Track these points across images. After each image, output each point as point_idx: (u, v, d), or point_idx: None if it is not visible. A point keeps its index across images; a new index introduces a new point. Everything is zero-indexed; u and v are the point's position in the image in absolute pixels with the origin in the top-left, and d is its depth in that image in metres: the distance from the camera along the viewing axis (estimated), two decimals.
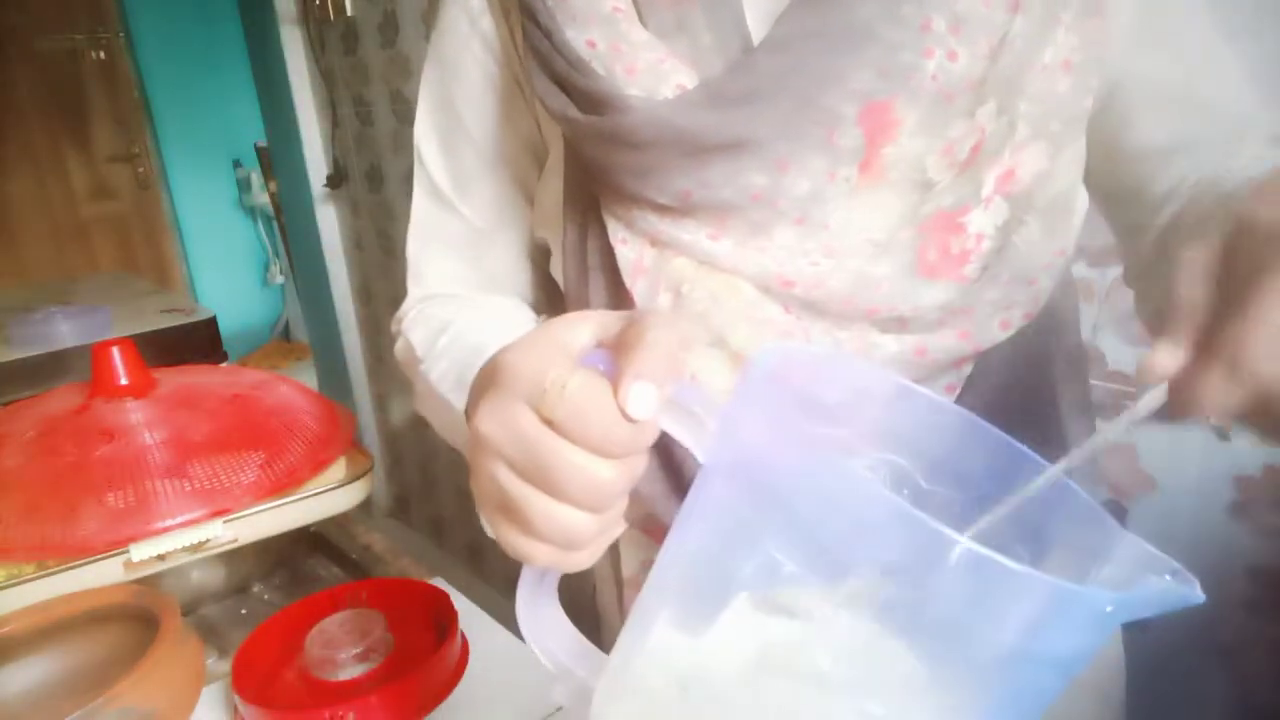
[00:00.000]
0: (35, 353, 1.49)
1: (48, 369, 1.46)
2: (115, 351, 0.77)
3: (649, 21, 0.46)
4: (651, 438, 0.30)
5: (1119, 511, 1.07)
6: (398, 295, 0.65)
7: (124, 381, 0.77)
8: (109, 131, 3.57)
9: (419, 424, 2.39)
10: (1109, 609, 0.24)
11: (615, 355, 0.30)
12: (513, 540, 0.32)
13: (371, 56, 2.02)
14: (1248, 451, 0.95)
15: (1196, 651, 1.05)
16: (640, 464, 0.31)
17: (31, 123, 3.37)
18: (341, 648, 0.61)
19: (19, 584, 0.65)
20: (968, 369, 0.50)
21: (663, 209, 0.47)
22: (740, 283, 0.48)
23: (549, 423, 0.30)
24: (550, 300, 0.66)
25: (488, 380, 0.32)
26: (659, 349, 0.29)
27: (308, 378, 2.95)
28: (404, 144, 2.01)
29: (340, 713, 0.55)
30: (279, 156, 2.65)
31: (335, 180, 2.34)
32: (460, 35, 0.57)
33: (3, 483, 0.69)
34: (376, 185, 2.19)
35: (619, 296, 0.51)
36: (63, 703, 0.58)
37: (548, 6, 0.47)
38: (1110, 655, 0.62)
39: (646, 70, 0.45)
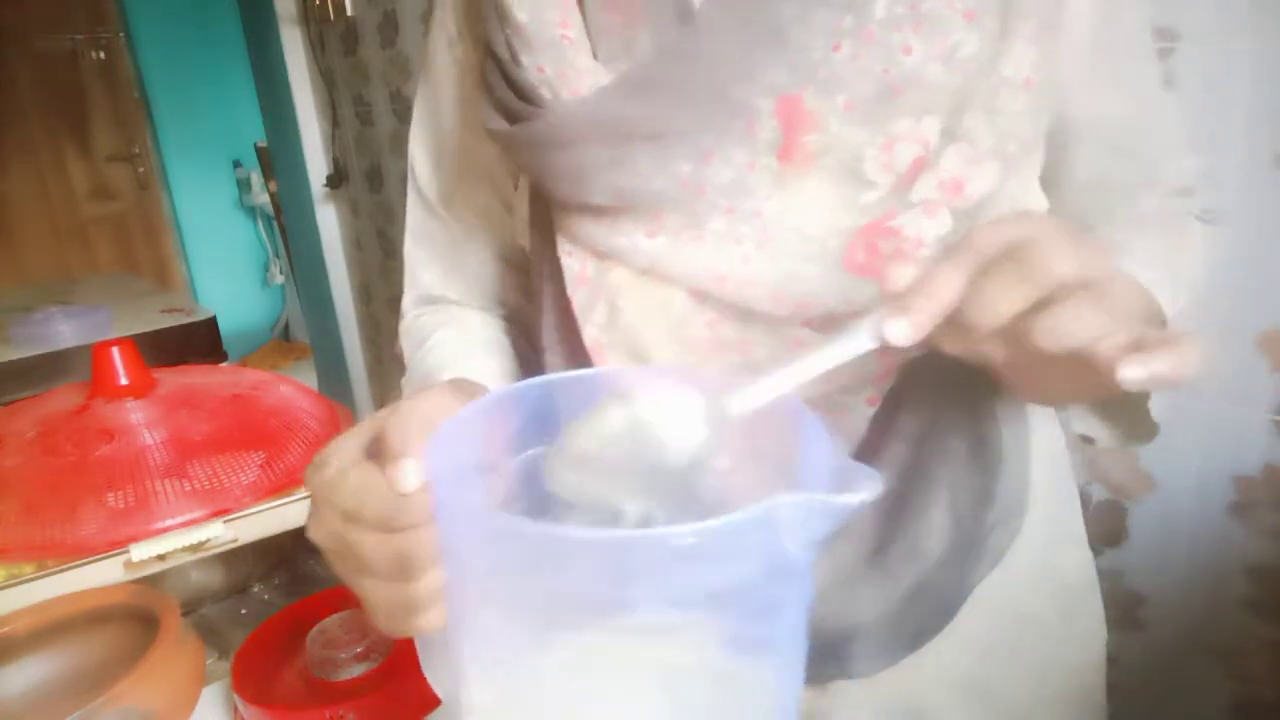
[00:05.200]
0: (35, 353, 1.49)
1: (48, 369, 1.46)
2: (115, 351, 0.77)
3: (599, 47, 0.47)
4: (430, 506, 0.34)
5: (1119, 511, 1.07)
6: (397, 295, 0.66)
7: (124, 381, 0.77)
8: (109, 131, 3.57)
9: None
10: (690, 540, 0.27)
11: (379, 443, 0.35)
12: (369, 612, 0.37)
13: (371, 56, 2.02)
14: (1248, 451, 0.95)
15: (1196, 651, 1.05)
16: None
17: (31, 123, 3.38)
18: (341, 648, 0.61)
19: (19, 584, 0.65)
20: (889, 383, 0.50)
21: (600, 212, 0.49)
22: (672, 295, 0.49)
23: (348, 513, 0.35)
24: (531, 302, 0.68)
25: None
26: (408, 427, 0.34)
27: (308, 378, 2.95)
28: (404, 144, 2.00)
29: (340, 713, 0.55)
30: (279, 156, 2.65)
31: (335, 180, 2.34)
32: (441, 56, 0.60)
33: (3, 483, 0.69)
34: (376, 185, 2.19)
35: (565, 306, 0.53)
36: (63, 703, 0.58)
37: (505, 34, 0.49)
38: (1091, 660, 0.62)
39: (589, 93, 0.47)
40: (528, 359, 0.63)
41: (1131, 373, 0.32)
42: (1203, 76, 0.87)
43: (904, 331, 0.33)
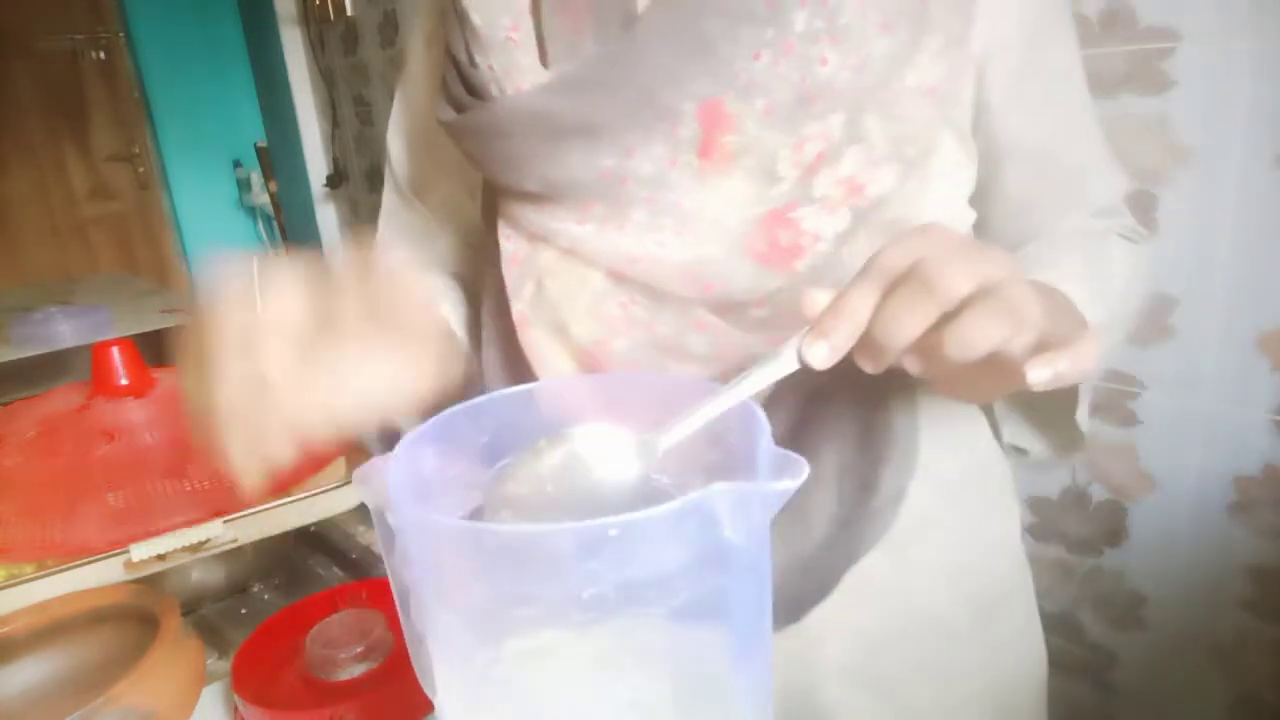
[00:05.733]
0: (35, 353, 1.49)
1: (48, 369, 1.46)
2: (115, 351, 0.77)
3: (550, 49, 0.50)
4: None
5: (1119, 511, 1.07)
6: None
7: (124, 381, 0.77)
8: (109, 131, 3.57)
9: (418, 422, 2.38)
10: (612, 532, 0.28)
11: None
12: None
13: (371, 56, 2.02)
14: (1248, 451, 0.95)
15: (1195, 651, 1.05)
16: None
17: (31, 123, 3.37)
18: (341, 648, 0.61)
19: (19, 584, 0.65)
20: None
21: (537, 200, 0.53)
22: (591, 275, 0.53)
23: None
24: None
25: None
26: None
27: None
28: None
29: (340, 713, 0.55)
30: (279, 156, 2.65)
31: (335, 180, 2.34)
32: (419, 54, 0.65)
33: (3, 483, 0.69)
34: (376, 185, 2.19)
35: (501, 284, 0.57)
36: (63, 703, 0.58)
37: (464, 37, 0.52)
38: (1012, 669, 0.63)
39: (506, 63, 0.51)
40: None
41: (1038, 375, 0.34)
42: (1203, 76, 0.87)
43: (823, 355, 0.36)
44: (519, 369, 0.57)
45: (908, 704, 0.58)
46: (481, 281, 0.71)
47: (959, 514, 0.58)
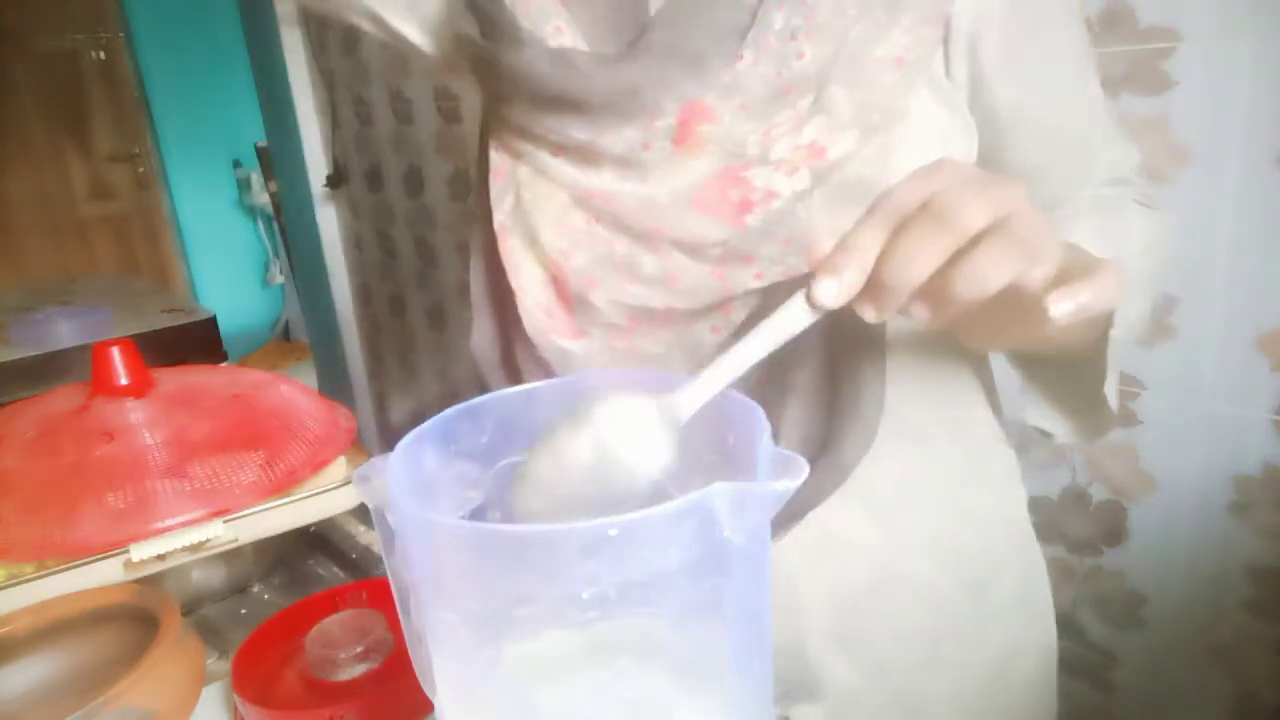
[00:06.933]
0: (35, 353, 1.49)
1: (48, 369, 1.46)
2: (115, 351, 0.77)
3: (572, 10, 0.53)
4: None
5: (1119, 511, 1.07)
6: (398, 295, 0.67)
7: (124, 381, 0.77)
8: (109, 131, 3.57)
9: (418, 423, 2.39)
10: (611, 532, 0.28)
11: None
12: None
13: (371, 56, 2.02)
14: (1248, 452, 0.95)
15: (1195, 651, 1.05)
16: None
17: (31, 123, 3.37)
18: (341, 648, 0.61)
19: (19, 584, 0.65)
20: (737, 316, 0.53)
21: (521, 124, 0.56)
22: (558, 192, 0.56)
23: None
24: None
25: None
26: None
27: (308, 378, 2.95)
28: (404, 144, 2.01)
29: (340, 713, 0.55)
30: (279, 156, 2.65)
31: (335, 180, 2.34)
32: None
33: (3, 483, 0.69)
34: (376, 185, 2.19)
35: (487, 193, 0.61)
36: (63, 702, 0.58)
37: None
38: (1012, 644, 0.64)
39: (537, 10, 0.54)
40: None
41: (1060, 307, 0.33)
42: (1203, 76, 0.87)
43: (833, 292, 0.34)
44: (499, 280, 0.60)
45: (886, 665, 0.58)
46: None
47: (948, 484, 0.58)
